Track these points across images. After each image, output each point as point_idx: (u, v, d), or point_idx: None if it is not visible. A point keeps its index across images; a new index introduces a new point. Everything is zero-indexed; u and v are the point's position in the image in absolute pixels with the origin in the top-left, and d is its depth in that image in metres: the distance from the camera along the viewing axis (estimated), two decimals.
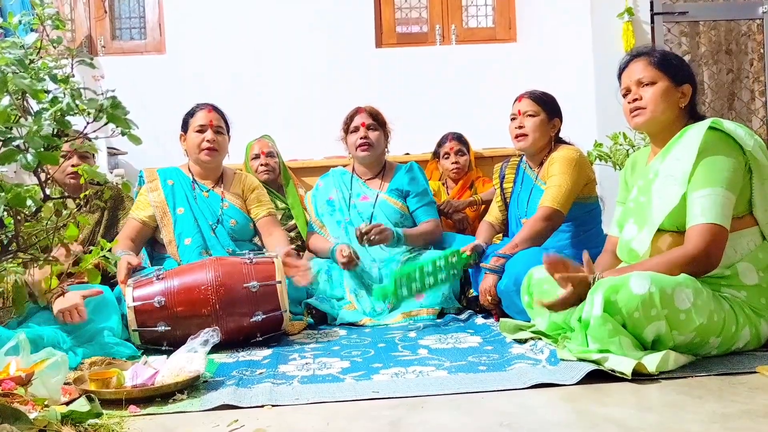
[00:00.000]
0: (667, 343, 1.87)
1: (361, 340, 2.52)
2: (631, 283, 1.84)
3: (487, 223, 3.06)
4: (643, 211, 2.11)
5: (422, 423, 1.56)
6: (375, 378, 1.95)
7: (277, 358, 2.25)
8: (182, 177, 3.01)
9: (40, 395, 1.65)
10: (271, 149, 3.70)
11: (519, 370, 1.94)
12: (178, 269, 2.56)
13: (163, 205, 2.93)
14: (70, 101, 0.82)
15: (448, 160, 3.68)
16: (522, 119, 2.83)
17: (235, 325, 2.42)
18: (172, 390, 1.84)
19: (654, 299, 1.82)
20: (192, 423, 1.64)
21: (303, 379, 1.97)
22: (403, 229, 3.02)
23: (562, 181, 2.72)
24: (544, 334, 2.25)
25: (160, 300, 2.39)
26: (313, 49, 4.69)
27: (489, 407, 1.66)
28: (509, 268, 2.59)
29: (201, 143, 2.92)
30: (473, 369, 1.99)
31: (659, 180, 2.08)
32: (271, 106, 4.60)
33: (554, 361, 1.97)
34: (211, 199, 2.99)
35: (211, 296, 2.40)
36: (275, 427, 1.57)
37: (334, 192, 3.20)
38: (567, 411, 1.62)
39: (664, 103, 2.11)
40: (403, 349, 2.31)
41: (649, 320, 1.83)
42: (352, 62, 4.70)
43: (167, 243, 2.92)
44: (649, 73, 2.13)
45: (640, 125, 2.15)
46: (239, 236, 2.99)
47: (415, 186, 3.15)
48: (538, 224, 2.68)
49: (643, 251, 2.05)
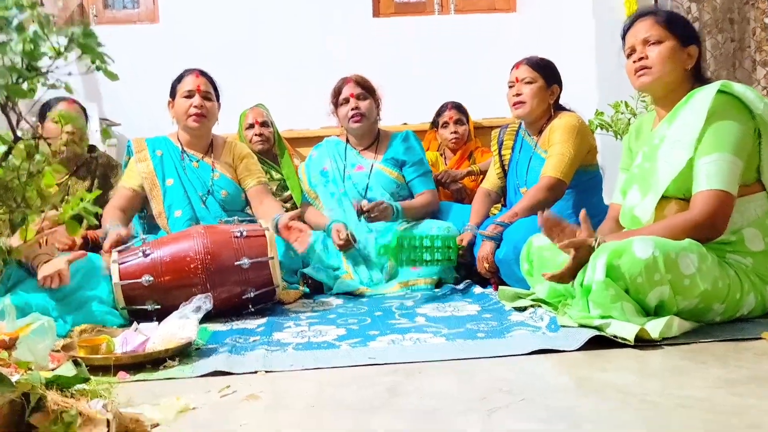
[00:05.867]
0: (670, 308, 1.83)
1: (357, 308, 2.48)
2: (635, 247, 1.79)
3: (484, 191, 3.01)
4: (648, 178, 2.05)
5: (420, 389, 1.52)
6: (371, 345, 1.90)
7: (272, 326, 2.20)
8: (171, 147, 2.94)
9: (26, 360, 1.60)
10: (266, 118, 3.62)
11: (518, 336, 1.89)
12: (163, 239, 2.47)
13: (152, 176, 2.86)
14: (38, 29, 0.76)
15: (446, 130, 3.61)
16: (519, 86, 2.76)
17: (226, 296, 2.35)
18: (163, 356, 1.79)
19: (658, 264, 1.77)
20: (182, 389, 1.59)
21: (298, 346, 1.92)
22: (402, 203, 2.95)
23: (564, 150, 2.66)
24: (544, 302, 2.20)
25: (147, 279, 2.29)
26: (309, 18, 4.60)
27: (488, 373, 1.61)
28: (508, 235, 2.54)
29: (188, 109, 2.84)
30: (471, 336, 1.94)
31: (666, 145, 2.02)
32: (267, 75, 4.52)
33: (554, 327, 1.93)
34: (201, 169, 2.92)
35: (200, 268, 2.32)
36: (268, 393, 1.53)
37: (328, 162, 3.13)
38: (568, 377, 1.57)
39: (670, 63, 2.05)
40: (400, 317, 2.26)
41: (652, 285, 1.79)
42: (349, 31, 4.61)
43: (157, 215, 2.86)
44: (656, 31, 2.06)
45: (645, 85, 2.09)
46: (230, 207, 2.92)
47: (411, 155, 3.08)
48: (540, 194, 2.63)
49: (646, 218, 2.00)
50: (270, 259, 2.39)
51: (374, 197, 2.98)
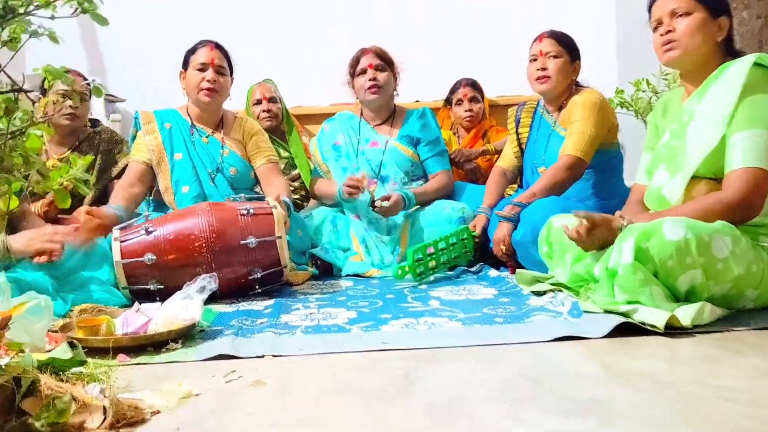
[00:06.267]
0: (701, 294, 1.73)
1: (368, 291, 2.38)
2: (665, 228, 1.68)
3: (500, 170, 2.90)
4: (676, 156, 1.94)
5: (437, 376, 1.42)
6: (384, 329, 1.81)
7: (280, 308, 2.11)
8: (180, 120, 2.84)
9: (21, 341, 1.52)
10: (274, 94, 3.52)
11: (539, 322, 1.80)
12: (167, 216, 2.37)
13: (159, 150, 2.77)
14: None
15: (461, 107, 3.50)
16: (544, 60, 2.64)
17: (232, 276, 2.26)
18: (165, 339, 1.71)
19: (690, 246, 1.67)
20: (185, 373, 1.51)
21: (307, 330, 1.83)
22: (414, 190, 2.84)
23: (585, 127, 2.55)
24: (565, 286, 2.10)
25: (150, 258, 2.19)
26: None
27: (508, 360, 1.52)
28: (526, 217, 2.44)
29: (201, 83, 2.74)
30: (489, 321, 1.85)
31: (695, 122, 1.91)
32: (275, 49, 4.40)
33: (577, 313, 1.83)
34: (210, 145, 2.82)
35: (205, 247, 2.22)
36: (276, 379, 1.44)
37: (340, 137, 3.02)
38: (594, 365, 1.47)
39: (700, 36, 1.93)
40: (413, 301, 2.17)
41: (683, 269, 1.68)
42: (359, 5, 4.48)
43: (163, 191, 2.76)
44: (685, 2, 1.94)
45: (673, 60, 1.97)
46: (239, 185, 2.81)
47: (427, 133, 2.97)
48: (560, 173, 2.52)
49: (675, 199, 1.90)
50: (278, 238, 2.30)
51: (388, 175, 2.88)
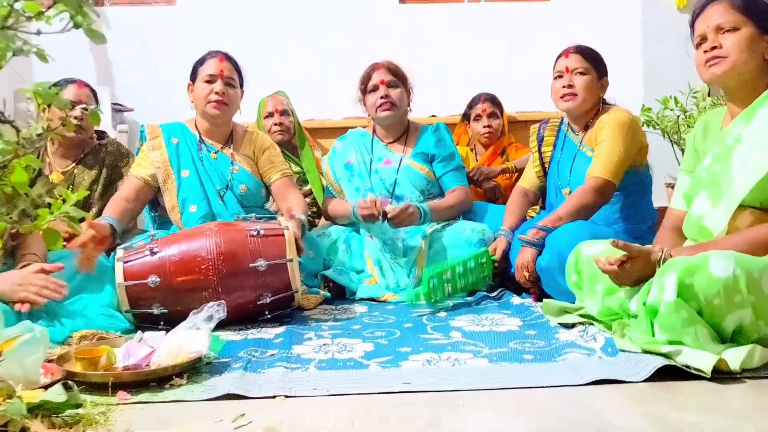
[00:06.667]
0: (749, 335, 1.59)
1: (384, 318, 2.25)
2: (712, 263, 1.55)
3: (521, 190, 2.77)
4: (719, 183, 1.81)
5: (465, 426, 1.30)
6: (404, 365, 1.68)
7: (291, 337, 1.99)
8: (188, 135, 2.71)
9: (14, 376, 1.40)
10: (286, 107, 3.41)
11: (572, 361, 1.66)
12: (173, 237, 2.24)
13: (166, 166, 2.64)
14: None
15: (479, 123, 3.38)
16: (571, 77, 2.52)
17: (240, 301, 2.13)
18: (170, 374, 1.58)
19: (739, 284, 1.53)
20: (190, 415, 1.38)
21: (321, 364, 1.71)
22: (430, 204, 2.71)
23: (614, 148, 2.42)
24: (595, 319, 1.97)
25: (154, 280, 2.08)
26: (334, 2, 4.38)
27: (541, 407, 1.39)
28: (552, 242, 2.31)
29: (209, 95, 2.62)
30: (517, 358, 1.72)
31: (742, 146, 1.78)
32: (287, 61, 4.31)
33: (612, 351, 1.70)
34: (219, 161, 2.69)
35: (212, 270, 2.09)
36: (288, 426, 1.31)
37: (353, 155, 2.90)
38: (637, 415, 1.34)
39: (747, 52, 1.81)
40: (433, 331, 2.04)
41: (731, 308, 1.55)
42: (373, 17, 4.39)
43: (170, 209, 2.63)
44: (732, 17, 1.82)
45: (717, 76, 1.84)
46: (249, 203, 2.69)
47: (442, 149, 2.84)
48: (587, 196, 2.39)
49: (718, 230, 1.76)
50: (289, 261, 2.17)
51: (403, 194, 2.76)
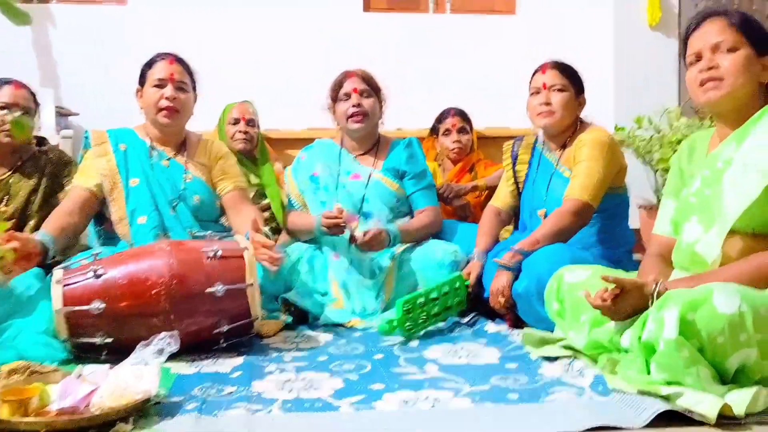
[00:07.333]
0: (753, 374, 1.48)
1: (351, 348, 2.08)
2: (716, 298, 1.44)
3: (494, 210, 2.64)
4: (710, 207, 1.71)
5: None
6: (378, 406, 1.52)
7: (250, 371, 1.80)
8: (137, 141, 2.50)
9: None
10: (253, 116, 3.24)
11: (561, 403, 1.53)
12: (120, 256, 2.03)
13: (113, 175, 2.42)
14: None
15: (448, 138, 3.25)
16: (548, 94, 2.41)
17: (194, 329, 1.92)
18: (112, 418, 1.39)
19: (745, 321, 1.42)
20: None
21: (286, 405, 1.53)
22: (399, 225, 2.56)
23: (593, 169, 2.32)
24: (578, 351, 1.85)
25: (98, 306, 1.86)
26: (295, 8, 4.21)
27: None
28: (529, 266, 2.18)
29: (159, 101, 2.41)
30: (502, 398, 1.57)
31: (733, 169, 1.69)
32: (247, 68, 4.10)
33: (603, 390, 1.57)
34: (172, 169, 2.48)
35: (164, 295, 1.88)
36: None
37: (319, 167, 2.72)
38: None
39: (745, 75, 1.72)
40: (406, 363, 1.88)
41: (736, 347, 1.44)
42: (337, 25, 4.23)
43: (117, 221, 2.41)
44: (730, 36, 1.73)
45: (714, 101, 1.74)
46: (204, 216, 2.48)
47: (413, 165, 2.69)
48: (565, 219, 2.27)
49: (712, 257, 1.66)
50: (248, 286, 1.98)
51: (371, 211, 2.59)
